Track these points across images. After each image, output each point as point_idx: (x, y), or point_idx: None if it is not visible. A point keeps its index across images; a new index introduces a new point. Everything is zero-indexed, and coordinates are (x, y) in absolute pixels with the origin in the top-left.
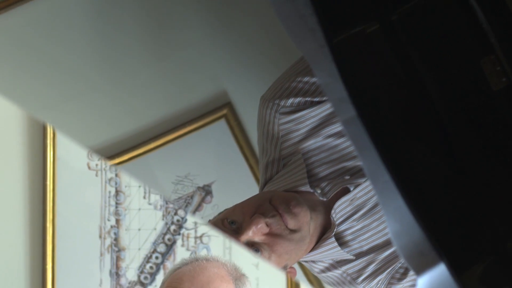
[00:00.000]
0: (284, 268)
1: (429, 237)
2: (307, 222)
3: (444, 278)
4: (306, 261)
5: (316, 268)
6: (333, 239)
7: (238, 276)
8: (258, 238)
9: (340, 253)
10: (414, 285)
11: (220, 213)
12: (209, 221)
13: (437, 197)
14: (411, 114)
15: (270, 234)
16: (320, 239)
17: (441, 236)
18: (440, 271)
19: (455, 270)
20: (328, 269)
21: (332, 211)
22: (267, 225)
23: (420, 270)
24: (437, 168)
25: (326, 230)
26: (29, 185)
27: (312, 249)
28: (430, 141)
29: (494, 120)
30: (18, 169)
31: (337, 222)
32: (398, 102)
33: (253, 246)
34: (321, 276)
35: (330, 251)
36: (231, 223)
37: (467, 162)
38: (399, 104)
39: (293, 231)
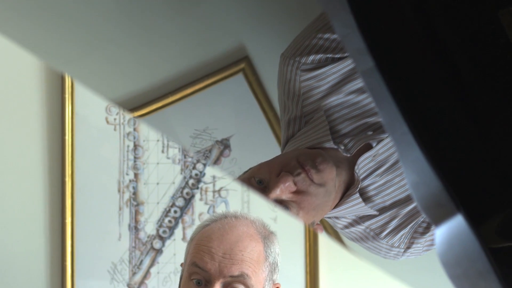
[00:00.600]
0: (312, 224)
1: (446, 188)
2: (332, 178)
3: (461, 229)
4: (329, 217)
5: (339, 224)
6: (357, 195)
7: (266, 234)
8: (285, 196)
9: (364, 209)
10: None
11: (245, 172)
12: (237, 178)
13: (455, 149)
14: (429, 65)
15: (297, 192)
16: (344, 195)
17: (459, 188)
18: (457, 222)
19: (473, 221)
20: (351, 224)
21: (356, 167)
22: (294, 183)
23: (437, 221)
24: (455, 120)
25: (349, 186)
26: (48, 140)
27: (336, 205)
28: (448, 93)
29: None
30: (37, 125)
31: (360, 178)
32: (416, 53)
33: (281, 203)
34: (344, 232)
35: (355, 207)
36: (259, 182)
37: (485, 114)
38: (417, 56)
39: (319, 185)
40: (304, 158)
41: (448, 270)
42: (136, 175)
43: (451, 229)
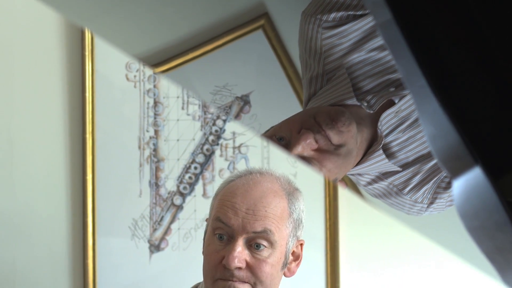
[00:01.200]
0: (334, 180)
1: (464, 141)
2: (352, 136)
3: (479, 181)
4: (352, 174)
5: (362, 181)
6: (380, 151)
7: (291, 191)
8: (307, 153)
9: (387, 165)
10: None
11: (267, 130)
12: (260, 135)
13: (474, 101)
14: (448, 17)
15: (319, 150)
16: (367, 152)
17: (476, 140)
18: (475, 174)
19: (491, 174)
20: (374, 181)
21: (379, 123)
22: (315, 140)
23: (455, 173)
24: (474, 72)
25: (372, 143)
26: (68, 97)
27: (359, 162)
28: (467, 45)
29: None
30: (57, 82)
31: (383, 134)
32: (434, 4)
33: (304, 159)
34: (367, 189)
35: (378, 163)
36: (280, 139)
37: (505, 65)
38: (434, 7)
39: (338, 146)
40: (321, 117)
41: (466, 222)
42: (156, 131)
43: (469, 181)
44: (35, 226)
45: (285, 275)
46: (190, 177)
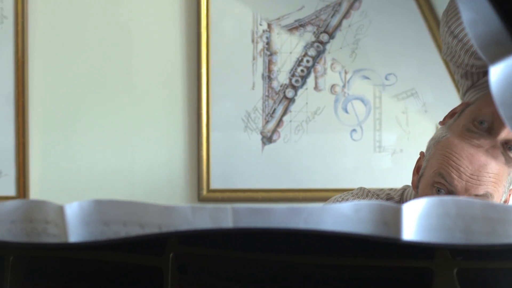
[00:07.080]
0: None
1: (507, 27)
2: None
3: None
4: None
5: None
6: None
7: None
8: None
9: None
10: None
11: (459, 111)
12: (441, 124)
13: None
14: None
15: None
16: None
17: None
18: None
19: None
20: None
21: None
22: None
23: (493, 59)
24: None
25: None
26: None
27: None
28: None
29: None
30: None
31: None
32: None
33: (506, 144)
34: None
35: None
36: (481, 123)
37: None
38: None
39: None
40: None
41: (504, 111)
42: (269, 25)
43: (509, 68)
44: (153, 128)
45: None
46: (302, 70)
